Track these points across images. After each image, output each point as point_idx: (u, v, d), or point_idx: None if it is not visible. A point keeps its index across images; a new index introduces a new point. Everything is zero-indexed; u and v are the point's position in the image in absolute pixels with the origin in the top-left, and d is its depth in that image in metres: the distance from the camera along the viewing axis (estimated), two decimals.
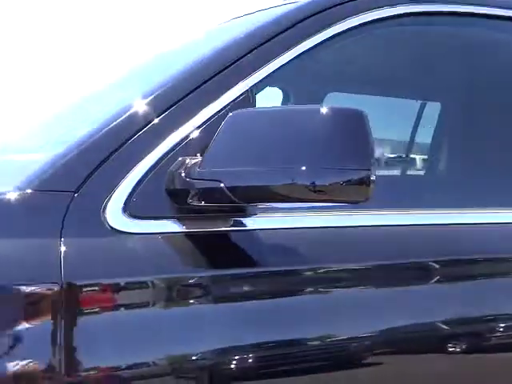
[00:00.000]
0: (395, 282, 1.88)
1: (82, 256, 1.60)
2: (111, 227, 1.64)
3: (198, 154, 1.72)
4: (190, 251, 1.71)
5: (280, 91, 2.60)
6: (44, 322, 1.54)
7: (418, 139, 2.68)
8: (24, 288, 1.55)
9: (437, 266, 1.93)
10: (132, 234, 1.65)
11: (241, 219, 1.75)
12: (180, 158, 1.72)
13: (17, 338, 1.52)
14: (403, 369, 1.83)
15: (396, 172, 2.67)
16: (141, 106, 1.77)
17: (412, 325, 1.86)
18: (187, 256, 1.72)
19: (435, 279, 1.94)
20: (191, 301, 1.69)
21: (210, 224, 1.72)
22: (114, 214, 1.65)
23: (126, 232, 1.65)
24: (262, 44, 1.88)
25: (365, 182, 1.58)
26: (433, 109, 2.58)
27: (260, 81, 1.85)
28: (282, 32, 1.90)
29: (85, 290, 1.59)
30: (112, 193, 1.66)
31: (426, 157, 2.65)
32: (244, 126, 1.67)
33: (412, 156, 2.70)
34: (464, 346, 1.92)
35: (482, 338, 1.96)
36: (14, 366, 1.50)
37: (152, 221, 1.69)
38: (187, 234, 1.71)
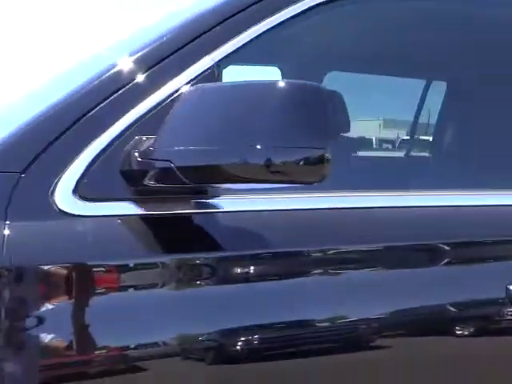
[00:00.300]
0: (373, 264, 1.80)
1: (26, 240, 1.55)
2: (60, 209, 1.57)
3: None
4: (145, 234, 1.65)
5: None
6: None
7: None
8: None
9: (424, 249, 1.86)
10: (82, 217, 1.59)
11: (200, 201, 1.68)
12: (136, 137, 1.65)
13: None
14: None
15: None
16: (96, 83, 1.70)
17: (389, 313, 1.78)
18: (142, 239, 1.65)
19: (419, 262, 1.87)
20: (148, 286, 1.63)
21: (166, 206, 1.65)
22: (64, 196, 1.58)
23: (76, 215, 1.58)
24: (228, 18, 1.79)
25: (319, 161, 1.50)
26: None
27: (225, 56, 1.77)
28: (250, 5, 1.81)
29: (29, 274, 1.54)
30: (62, 174, 1.59)
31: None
32: (199, 103, 1.59)
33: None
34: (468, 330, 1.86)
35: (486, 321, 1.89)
36: None
37: (105, 203, 1.62)
38: (142, 217, 1.64)
